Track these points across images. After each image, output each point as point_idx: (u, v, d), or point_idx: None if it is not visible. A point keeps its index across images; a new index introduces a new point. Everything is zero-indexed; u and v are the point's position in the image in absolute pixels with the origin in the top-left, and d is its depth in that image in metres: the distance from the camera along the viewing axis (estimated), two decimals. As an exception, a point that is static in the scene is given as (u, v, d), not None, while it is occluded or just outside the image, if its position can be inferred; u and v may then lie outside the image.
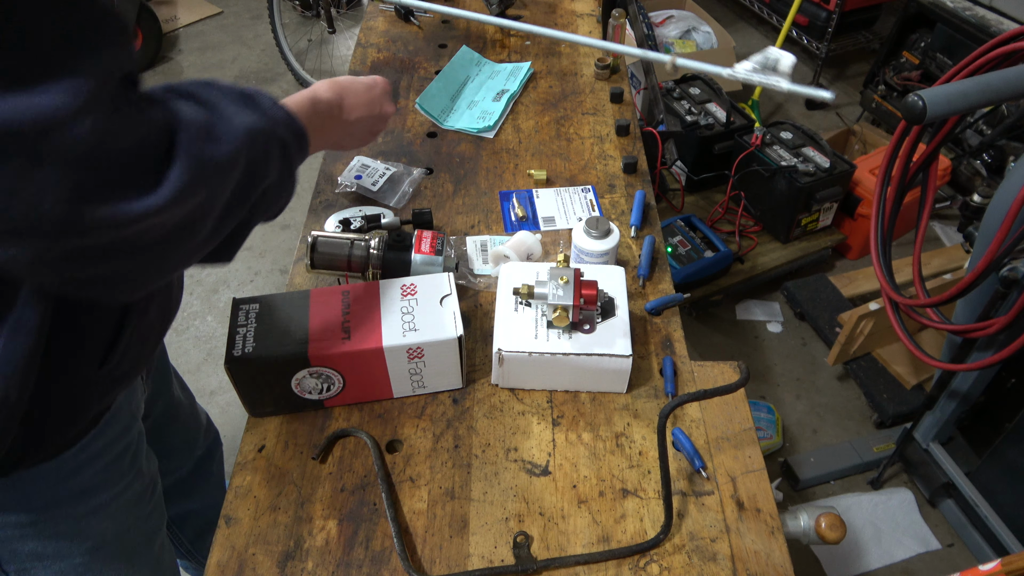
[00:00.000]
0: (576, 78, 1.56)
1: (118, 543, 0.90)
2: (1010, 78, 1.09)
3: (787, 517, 0.90)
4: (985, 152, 2.39)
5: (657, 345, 1.03)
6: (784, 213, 2.32)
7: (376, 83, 0.97)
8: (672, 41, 3.05)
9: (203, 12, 3.91)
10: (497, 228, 1.21)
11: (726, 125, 2.38)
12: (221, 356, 0.74)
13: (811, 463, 1.94)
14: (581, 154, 1.36)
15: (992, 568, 1.13)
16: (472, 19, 1.08)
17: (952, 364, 1.47)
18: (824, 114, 3.22)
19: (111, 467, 0.85)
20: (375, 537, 0.83)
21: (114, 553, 0.90)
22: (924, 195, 1.42)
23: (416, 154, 1.36)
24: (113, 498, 0.87)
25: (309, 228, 1.19)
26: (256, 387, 0.90)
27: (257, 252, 2.67)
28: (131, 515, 0.92)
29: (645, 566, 0.81)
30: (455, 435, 0.93)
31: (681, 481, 0.89)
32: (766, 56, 0.68)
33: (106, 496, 0.86)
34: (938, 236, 2.63)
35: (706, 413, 0.96)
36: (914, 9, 2.67)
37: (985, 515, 1.65)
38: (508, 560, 0.81)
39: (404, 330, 0.89)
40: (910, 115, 1.09)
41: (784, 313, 2.40)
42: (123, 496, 0.88)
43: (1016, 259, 1.25)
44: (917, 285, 1.43)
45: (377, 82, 0.97)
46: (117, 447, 0.85)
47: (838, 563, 1.77)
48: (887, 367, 2.11)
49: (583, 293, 0.92)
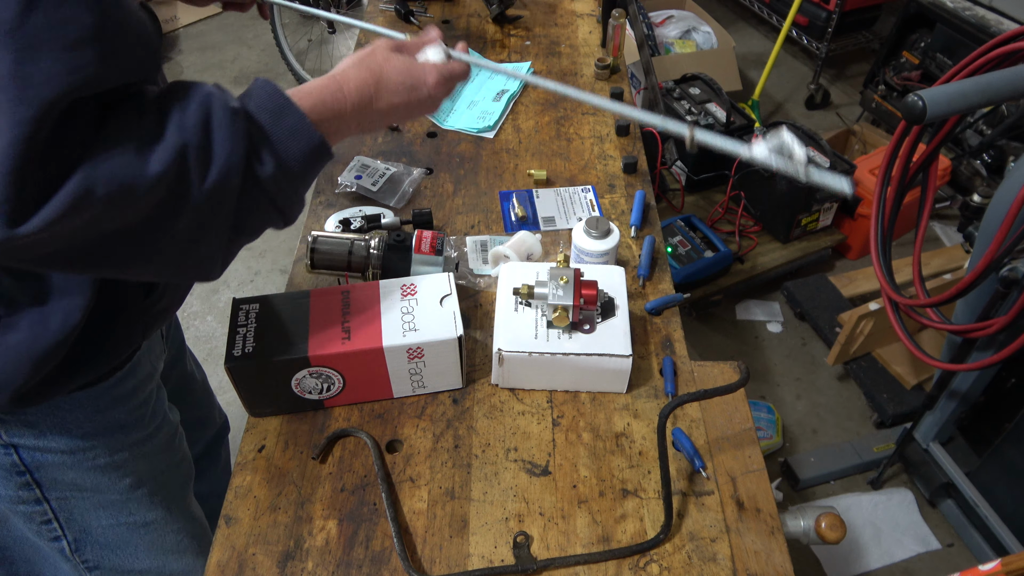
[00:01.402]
0: (576, 78, 1.56)
1: (154, 484, 0.95)
2: (1010, 78, 1.09)
3: (787, 517, 0.90)
4: (985, 152, 2.40)
5: (657, 345, 1.03)
6: (784, 213, 2.32)
7: (424, 69, 0.81)
8: (672, 41, 3.05)
9: (203, 12, 3.91)
10: (497, 228, 1.21)
11: (726, 125, 2.38)
12: (221, 356, 0.74)
13: (811, 463, 1.94)
14: (581, 154, 1.36)
15: (992, 568, 1.13)
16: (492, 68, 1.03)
17: (952, 364, 1.47)
18: (824, 114, 3.22)
19: (141, 408, 0.91)
20: (375, 537, 0.83)
21: (151, 494, 0.95)
22: (924, 195, 1.42)
23: (416, 154, 1.36)
24: (146, 438, 0.92)
25: (309, 228, 1.19)
26: (256, 387, 0.90)
27: (257, 252, 2.67)
28: (163, 459, 0.97)
29: (645, 566, 0.81)
30: (455, 435, 0.93)
31: (681, 481, 0.89)
32: (781, 141, 0.68)
33: (138, 435, 0.91)
34: (938, 236, 2.63)
35: (706, 413, 0.96)
36: (914, 9, 2.67)
37: (985, 515, 1.65)
38: (508, 560, 0.81)
39: (404, 330, 0.89)
40: (910, 115, 1.09)
41: (784, 313, 2.40)
42: (155, 439, 0.94)
43: (1016, 259, 1.25)
44: (917, 285, 1.43)
45: (425, 68, 0.81)
46: (143, 392, 0.91)
47: (838, 563, 1.77)
48: (887, 367, 2.11)
49: (583, 293, 0.92)
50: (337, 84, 0.74)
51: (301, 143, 0.68)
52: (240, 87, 2.83)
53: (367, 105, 0.76)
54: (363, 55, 0.79)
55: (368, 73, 0.77)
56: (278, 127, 0.67)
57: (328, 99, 0.73)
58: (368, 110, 0.77)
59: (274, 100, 0.68)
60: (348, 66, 0.77)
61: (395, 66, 0.78)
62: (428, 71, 0.81)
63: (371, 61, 0.78)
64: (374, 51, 0.79)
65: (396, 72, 0.78)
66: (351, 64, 0.77)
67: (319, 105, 0.72)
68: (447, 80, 0.82)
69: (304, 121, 0.69)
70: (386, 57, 0.79)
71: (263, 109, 0.67)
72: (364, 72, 0.76)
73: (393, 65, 0.78)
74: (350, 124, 0.76)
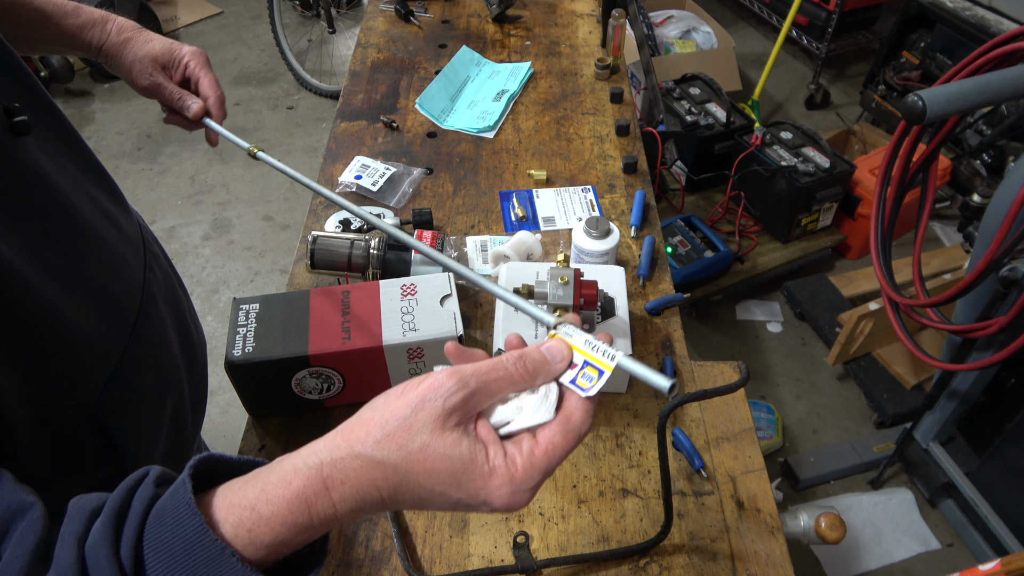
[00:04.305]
0: (576, 78, 1.56)
1: None
2: (1010, 78, 1.09)
3: (787, 517, 0.90)
4: (985, 152, 2.40)
5: (657, 345, 1.03)
6: (784, 213, 2.32)
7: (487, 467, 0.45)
8: (672, 41, 3.05)
9: (203, 12, 3.92)
10: (497, 228, 1.21)
11: (726, 125, 2.38)
12: (221, 356, 0.74)
13: (811, 463, 1.94)
14: (581, 154, 1.36)
15: (992, 568, 1.13)
16: None
17: (952, 364, 1.47)
18: (824, 114, 3.22)
19: None
20: (375, 537, 0.83)
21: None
22: (924, 195, 1.42)
23: (416, 154, 1.36)
24: None
25: (309, 228, 1.19)
26: (256, 387, 0.90)
27: (257, 252, 2.67)
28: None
29: (645, 566, 0.81)
30: (455, 435, 0.93)
31: (681, 481, 0.89)
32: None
33: None
34: (938, 236, 2.63)
35: (706, 413, 0.96)
36: (914, 9, 2.67)
37: (985, 515, 1.65)
38: (508, 560, 0.81)
39: (404, 330, 0.89)
40: (910, 115, 1.09)
41: (784, 313, 2.40)
42: None
43: (1016, 259, 1.25)
44: (917, 285, 1.43)
45: (490, 464, 0.45)
46: None
47: (838, 563, 1.77)
48: (887, 367, 2.11)
49: (583, 293, 0.92)
50: (322, 483, 0.44)
51: None
52: (240, 87, 2.81)
53: (374, 509, 0.47)
54: (393, 419, 0.45)
55: (381, 473, 0.45)
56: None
57: (302, 521, 0.44)
58: (376, 510, 0.47)
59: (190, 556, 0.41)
60: (359, 438, 0.45)
61: (435, 464, 0.45)
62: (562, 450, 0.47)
63: (398, 444, 0.45)
64: (415, 415, 0.45)
65: (436, 475, 0.45)
66: (366, 434, 0.45)
67: (283, 535, 0.44)
68: (546, 469, 0.47)
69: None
70: (427, 443, 0.45)
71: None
72: (374, 470, 0.45)
73: (433, 462, 0.45)
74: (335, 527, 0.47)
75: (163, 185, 2.95)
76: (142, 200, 2.88)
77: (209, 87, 0.94)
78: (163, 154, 3.09)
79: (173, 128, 1.02)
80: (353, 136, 1.39)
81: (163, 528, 0.42)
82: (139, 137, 3.17)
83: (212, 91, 0.94)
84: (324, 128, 3.20)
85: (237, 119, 3.23)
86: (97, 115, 3.30)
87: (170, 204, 2.87)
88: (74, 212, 0.68)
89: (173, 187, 2.95)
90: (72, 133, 0.73)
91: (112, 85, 3.43)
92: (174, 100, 0.93)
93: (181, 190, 2.93)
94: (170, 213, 2.83)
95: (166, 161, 3.06)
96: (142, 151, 3.11)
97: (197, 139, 3.14)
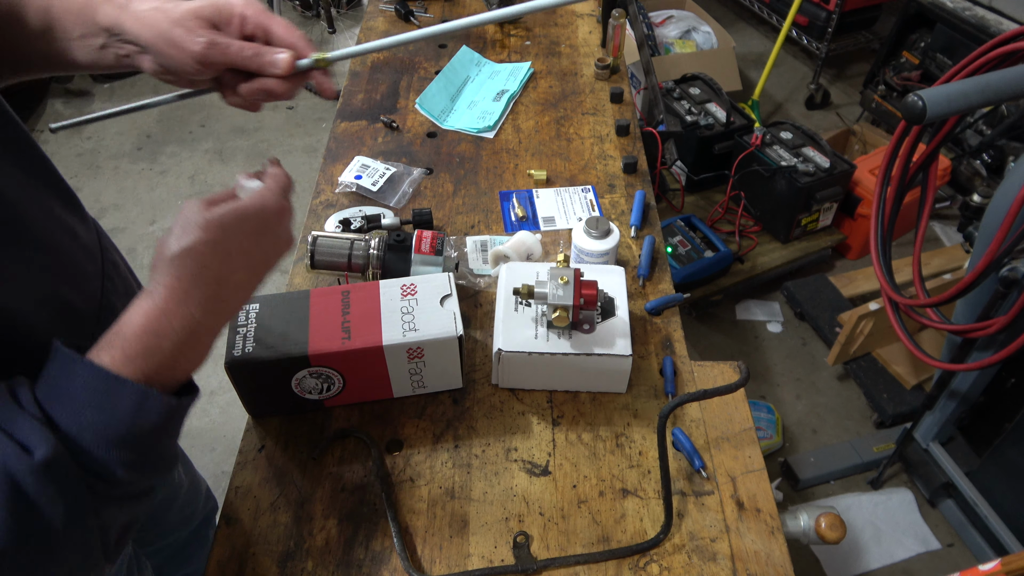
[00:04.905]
0: (576, 78, 1.56)
1: None
2: (1010, 78, 1.09)
3: (787, 517, 0.90)
4: (985, 152, 2.40)
5: (657, 345, 1.03)
6: (784, 213, 2.32)
7: (258, 206, 0.65)
8: (672, 41, 3.05)
9: (203, 12, 3.91)
10: (497, 228, 1.21)
11: (726, 125, 2.38)
12: (221, 356, 0.73)
13: (811, 463, 1.94)
14: (581, 154, 1.36)
15: (992, 568, 1.13)
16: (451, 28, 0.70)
17: (952, 364, 1.47)
18: (824, 114, 3.22)
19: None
20: (375, 537, 0.83)
21: None
22: (924, 195, 1.42)
23: (416, 154, 1.36)
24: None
25: (309, 228, 1.19)
26: (256, 387, 0.90)
27: (257, 252, 2.67)
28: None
29: (645, 566, 0.81)
30: (455, 435, 0.93)
31: (681, 481, 0.89)
32: None
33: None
34: (938, 236, 2.63)
35: (706, 413, 0.96)
36: (914, 9, 2.67)
37: (985, 515, 1.65)
38: (508, 560, 0.81)
39: (404, 330, 0.89)
40: (910, 115, 1.09)
41: (784, 313, 2.40)
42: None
43: (1016, 259, 1.25)
44: (917, 285, 1.43)
45: (258, 205, 0.65)
46: None
47: (838, 563, 1.77)
48: (887, 367, 2.11)
49: (583, 293, 0.92)
50: (162, 313, 0.56)
51: (147, 429, 0.54)
52: (240, 87, 2.72)
53: (215, 299, 0.59)
54: (179, 240, 0.58)
55: (193, 261, 0.58)
56: (112, 433, 0.52)
57: (164, 344, 0.55)
58: (219, 304, 0.60)
59: (98, 403, 0.52)
60: (165, 270, 0.57)
61: (223, 224, 0.60)
62: (263, 203, 0.65)
63: (190, 240, 0.58)
64: (186, 224, 0.59)
65: (232, 232, 0.61)
66: (167, 263, 0.58)
67: (151, 360, 0.55)
68: (282, 194, 0.68)
69: (143, 406, 0.53)
70: (204, 222, 0.59)
71: (87, 427, 0.52)
72: (188, 262, 0.57)
73: (219, 225, 0.60)
74: (203, 337, 0.59)
75: (163, 185, 2.95)
76: (142, 200, 2.88)
77: (287, 31, 0.72)
78: (163, 154, 3.09)
79: (173, 128, 0.99)
80: (353, 136, 1.39)
81: (50, 382, 0.53)
82: (139, 137, 3.17)
83: (292, 35, 0.72)
84: (324, 128, 3.20)
85: (237, 119, 3.23)
86: (97, 115, 3.30)
87: (170, 204, 2.87)
88: (26, 222, 0.65)
89: (173, 187, 2.94)
90: (22, 140, 0.67)
91: (112, 85, 3.43)
92: (247, 58, 0.69)
93: (181, 190, 2.93)
94: (170, 213, 2.83)
95: (166, 161, 3.06)
96: (142, 151, 3.11)
97: (197, 139, 3.15)
